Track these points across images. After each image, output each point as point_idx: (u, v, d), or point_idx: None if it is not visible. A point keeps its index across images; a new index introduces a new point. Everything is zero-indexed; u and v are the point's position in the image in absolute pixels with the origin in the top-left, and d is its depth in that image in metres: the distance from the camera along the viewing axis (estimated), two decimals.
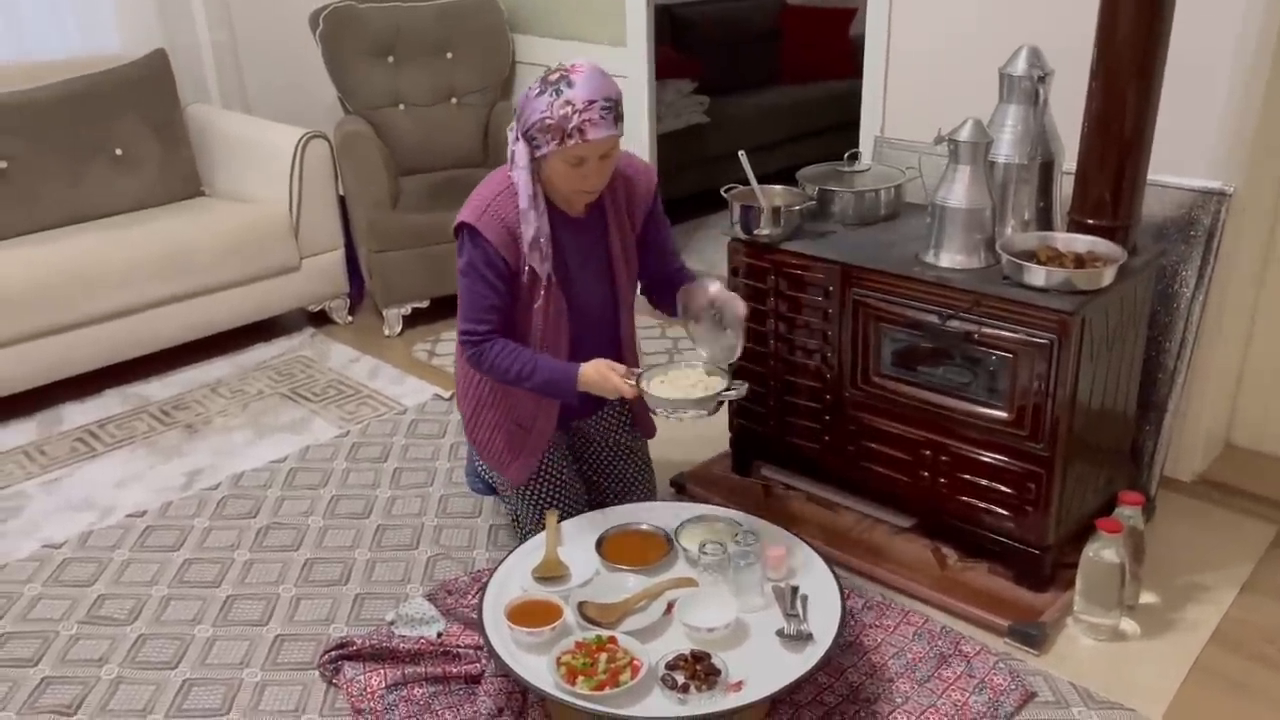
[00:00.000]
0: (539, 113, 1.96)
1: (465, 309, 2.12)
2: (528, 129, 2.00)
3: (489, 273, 2.08)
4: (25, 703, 2.01)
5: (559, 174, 2.04)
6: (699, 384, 2.07)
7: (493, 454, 2.28)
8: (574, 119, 1.94)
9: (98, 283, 3.15)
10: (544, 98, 1.96)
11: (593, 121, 1.94)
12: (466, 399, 2.30)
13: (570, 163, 2.00)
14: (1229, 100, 2.31)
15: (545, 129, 1.96)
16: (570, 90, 1.94)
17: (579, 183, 2.05)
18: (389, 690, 1.97)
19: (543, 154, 2.00)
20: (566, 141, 1.96)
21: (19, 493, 2.77)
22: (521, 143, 2.03)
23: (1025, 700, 1.95)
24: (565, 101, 1.93)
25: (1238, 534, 2.44)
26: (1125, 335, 2.20)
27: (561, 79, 1.95)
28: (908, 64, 2.86)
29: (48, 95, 3.41)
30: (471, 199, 2.11)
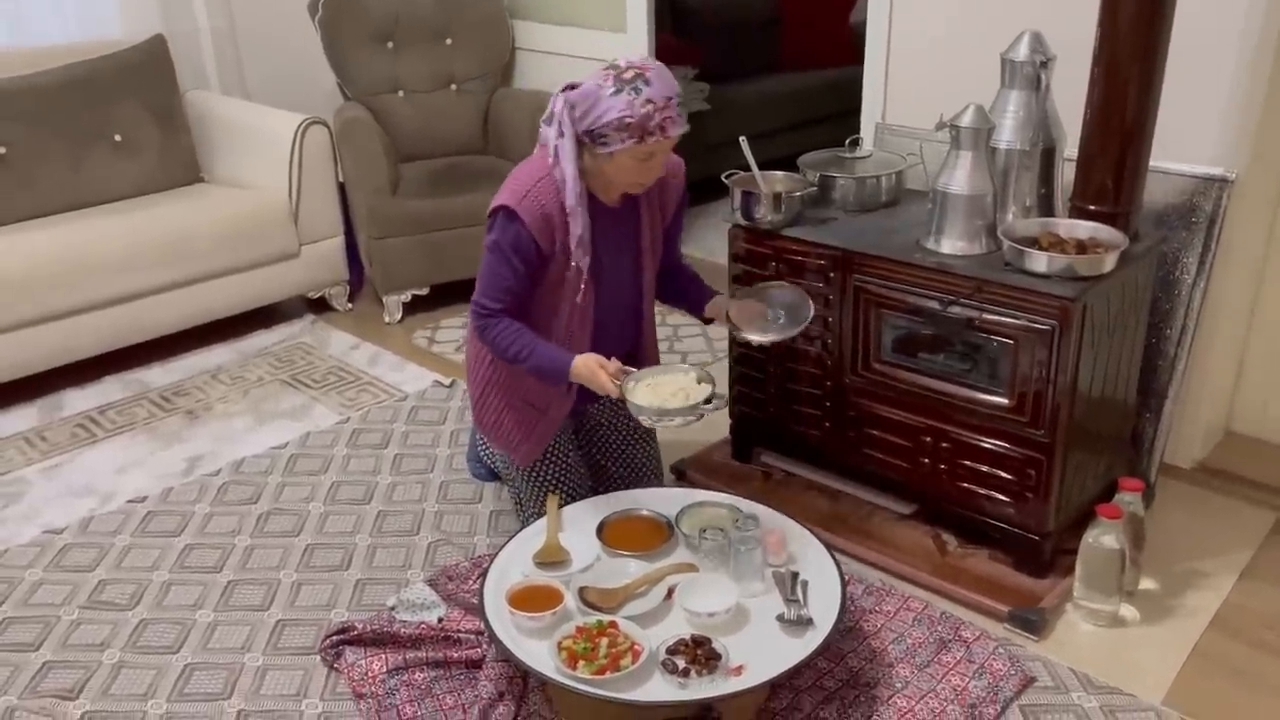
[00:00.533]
0: (617, 111, 1.98)
1: (484, 284, 2.14)
2: (596, 127, 2.01)
3: (515, 257, 2.10)
4: (27, 687, 2.01)
5: (622, 169, 2.07)
6: (681, 392, 2.03)
7: (501, 435, 2.29)
8: (656, 116, 1.98)
9: (98, 269, 3.15)
10: (621, 96, 1.98)
11: (673, 119, 2.01)
12: (476, 380, 2.31)
13: (640, 158, 2.04)
14: (1232, 86, 2.31)
15: (624, 127, 1.99)
16: (649, 89, 1.98)
17: (641, 176, 2.09)
18: (390, 675, 1.97)
19: (610, 151, 2.03)
20: (646, 139, 2.00)
21: (20, 479, 2.77)
22: (568, 139, 2.04)
23: (1024, 685, 1.96)
24: (647, 100, 1.98)
25: (1237, 521, 2.44)
26: (1126, 322, 2.19)
27: (637, 78, 1.98)
28: (909, 50, 2.85)
29: (47, 81, 3.40)
30: (510, 183, 2.13)
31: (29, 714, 1.95)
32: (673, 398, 2.01)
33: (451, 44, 3.99)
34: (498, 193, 2.13)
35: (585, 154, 2.08)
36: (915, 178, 2.59)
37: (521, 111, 3.87)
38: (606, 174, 2.10)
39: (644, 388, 2.04)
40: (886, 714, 1.89)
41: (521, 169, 2.15)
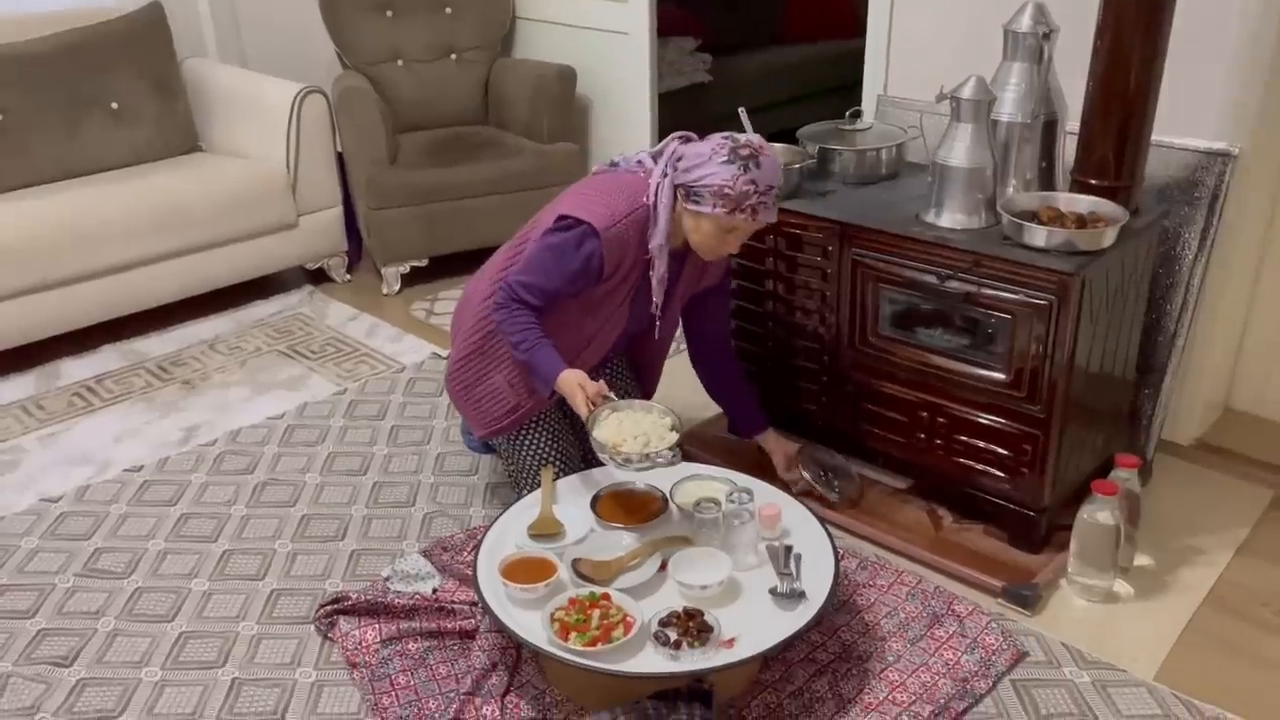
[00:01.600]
0: (720, 179, 2.01)
1: (531, 276, 2.12)
2: (696, 185, 2.04)
3: (577, 273, 2.11)
4: (22, 654, 2.02)
5: (703, 231, 2.10)
6: (644, 436, 1.94)
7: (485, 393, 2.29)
8: (752, 198, 2.02)
9: (95, 237, 3.14)
10: (730, 168, 2.01)
11: (766, 206, 2.04)
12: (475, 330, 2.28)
13: (723, 228, 2.07)
14: (1236, 60, 2.28)
15: (721, 195, 2.02)
16: (757, 171, 2.01)
17: (716, 243, 2.11)
18: (384, 644, 1.98)
19: (699, 210, 2.06)
20: (736, 215, 2.03)
21: (16, 447, 2.77)
22: (669, 183, 2.09)
23: (1017, 660, 1.96)
24: (750, 180, 2.01)
25: (1234, 497, 2.44)
26: (1125, 297, 2.18)
27: (751, 157, 2.01)
28: (911, 21, 2.82)
29: (43, 48, 3.38)
30: (599, 203, 2.12)
31: (24, 680, 1.95)
32: (634, 440, 1.92)
33: (451, 13, 3.96)
34: (578, 200, 2.14)
35: (676, 203, 2.11)
36: (915, 150, 2.57)
37: (522, 82, 3.84)
38: (688, 228, 2.12)
39: (611, 422, 1.96)
40: (878, 687, 1.89)
41: (610, 189, 2.16)
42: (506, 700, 1.86)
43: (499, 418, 2.29)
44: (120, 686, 1.94)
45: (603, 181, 2.22)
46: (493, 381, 2.28)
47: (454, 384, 2.35)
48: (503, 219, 3.65)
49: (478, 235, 3.62)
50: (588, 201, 2.14)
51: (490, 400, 2.29)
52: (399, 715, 1.84)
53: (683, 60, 4.79)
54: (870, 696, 1.87)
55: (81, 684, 1.95)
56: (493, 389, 2.28)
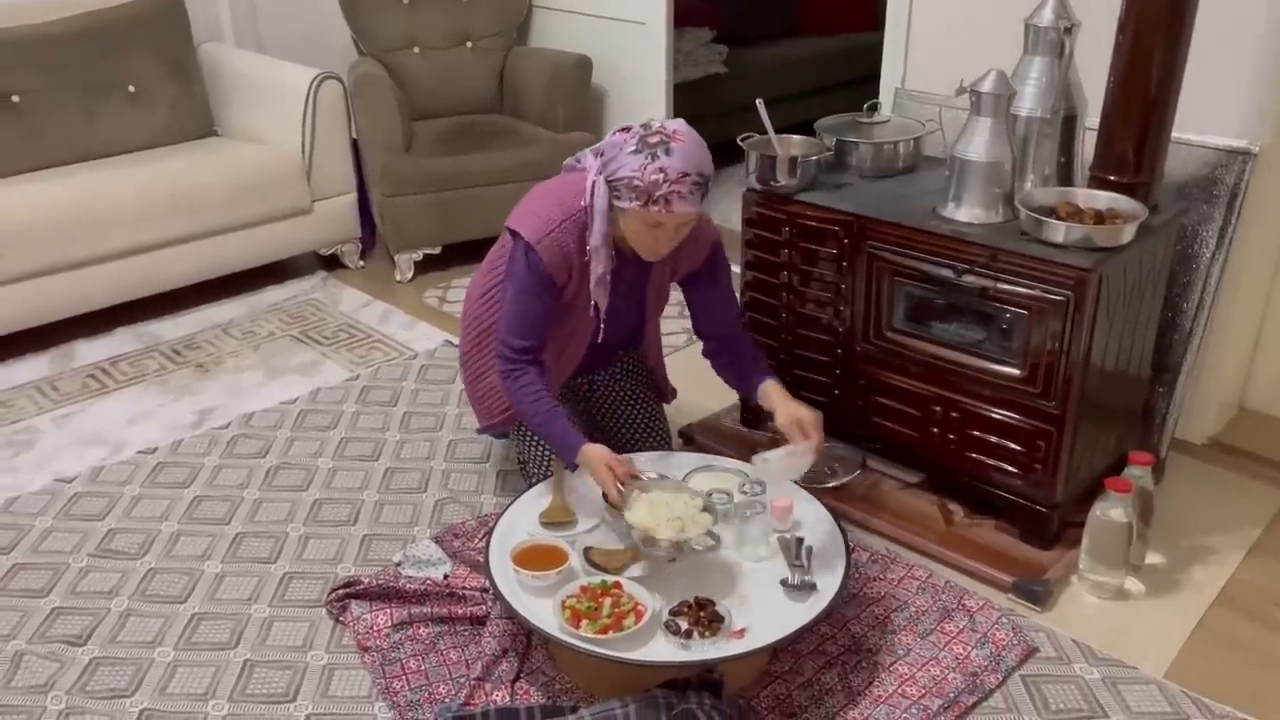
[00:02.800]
0: (629, 170, 1.94)
1: (511, 321, 2.09)
2: (613, 179, 1.98)
3: (542, 293, 2.07)
4: (36, 632, 2.04)
5: (632, 230, 2.04)
6: (678, 520, 1.87)
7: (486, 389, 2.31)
8: (663, 188, 1.92)
9: (110, 220, 3.15)
10: (638, 157, 1.93)
11: (680, 195, 1.94)
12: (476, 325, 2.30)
13: (648, 224, 2.00)
14: (1258, 58, 2.27)
15: (632, 187, 1.95)
16: (667, 159, 1.92)
17: (649, 241, 2.04)
18: (395, 629, 1.99)
19: (622, 206, 1.99)
20: (650, 207, 1.95)
21: (31, 427, 2.79)
22: (602, 182, 2.01)
23: (1027, 655, 1.96)
24: (659, 168, 1.92)
25: (1247, 497, 2.43)
26: (1142, 294, 2.17)
27: (660, 144, 1.93)
28: (931, 14, 2.81)
29: (62, 30, 3.39)
30: (535, 211, 2.08)
31: (37, 658, 1.97)
32: (668, 524, 1.86)
33: (468, 1, 3.95)
34: (521, 210, 2.11)
35: (612, 199, 2.03)
36: (933, 144, 2.56)
37: (538, 70, 3.84)
38: (620, 227, 2.06)
39: (642, 505, 1.90)
40: (888, 680, 1.89)
41: (550, 194, 2.11)
42: (516, 687, 1.87)
43: (497, 413, 2.32)
44: (133, 666, 1.95)
45: (552, 185, 2.15)
46: (490, 380, 2.29)
47: (464, 374, 2.38)
48: None
49: (491, 224, 3.59)
50: (528, 212, 2.10)
51: (491, 397, 2.31)
52: (409, 699, 1.85)
53: (698, 51, 4.77)
54: (880, 689, 1.87)
55: (95, 663, 1.96)
56: (491, 387, 2.30)
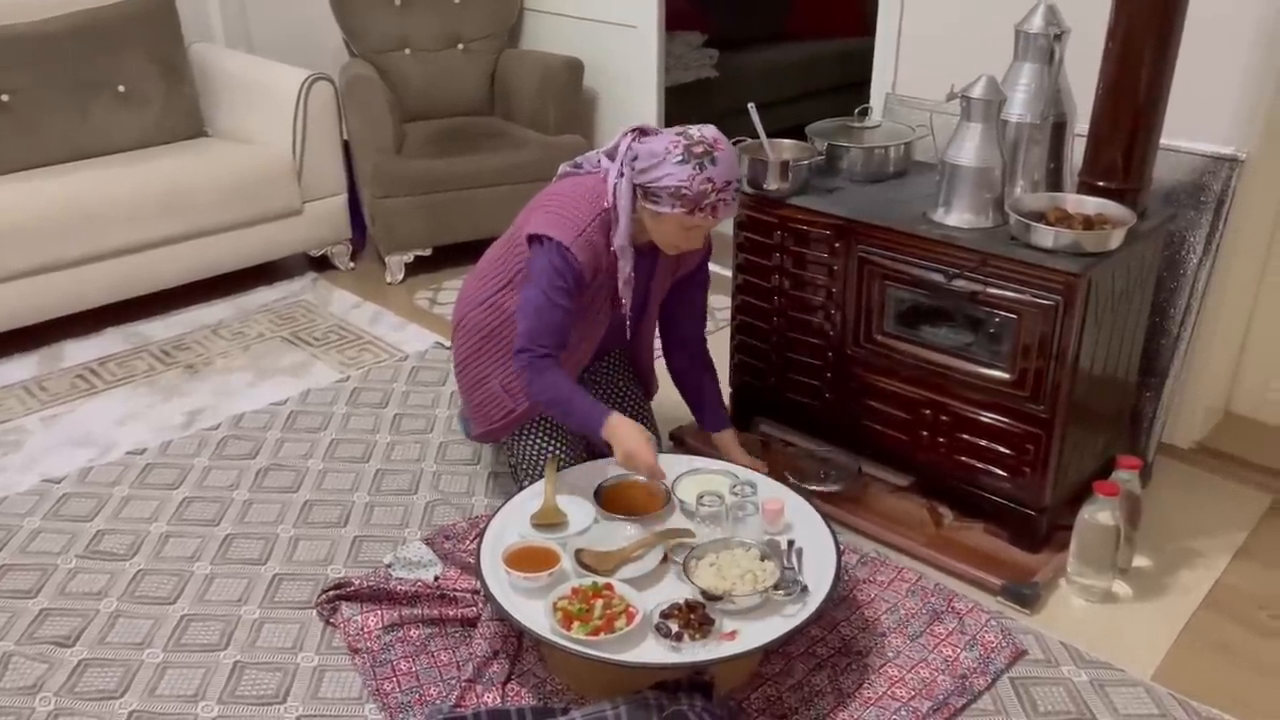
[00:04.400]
0: (677, 180, 2.01)
1: (536, 326, 2.09)
2: (652, 186, 2.03)
3: (566, 297, 2.09)
4: (24, 633, 2.03)
5: (666, 230, 2.10)
6: (749, 574, 1.84)
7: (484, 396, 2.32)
8: (711, 196, 2.01)
9: (100, 220, 3.14)
10: (685, 167, 2.00)
11: (725, 203, 2.04)
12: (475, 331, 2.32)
13: (685, 227, 2.08)
14: (1246, 65, 2.29)
15: (678, 196, 2.02)
16: (713, 169, 2.00)
17: (680, 240, 2.12)
18: (385, 631, 1.99)
19: (659, 210, 2.06)
20: (696, 214, 2.03)
21: (19, 427, 2.77)
22: (627, 181, 2.07)
23: (1016, 657, 1.97)
24: (707, 179, 2.00)
25: (1233, 501, 2.45)
26: (1130, 299, 2.19)
27: (706, 154, 2.00)
28: (921, 19, 2.82)
29: (53, 29, 3.38)
30: (561, 214, 2.11)
31: (26, 660, 1.96)
32: (742, 581, 1.83)
33: (460, 3, 3.95)
34: (542, 217, 2.12)
35: (636, 202, 2.09)
36: (924, 149, 2.57)
37: (529, 73, 3.85)
38: (649, 227, 2.12)
39: (706, 567, 1.88)
40: (878, 682, 1.90)
41: (572, 197, 2.14)
42: (507, 688, 1.87)
43: (496, 419, 2.32)
44: (122, 667, 1.95)
45: (566, 188, 2.18)
46: (490, 387, 2.30)
47: (461, 382, 2.38)
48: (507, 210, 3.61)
49: (482, 225, 3.62)
50: (553, 216, 2.12)
51: (490, 404, 2.31)
52: (400, 701, 1.85)
53: (689, 55, 4.79)
54: (869, 691, 1.88)
55: (83, 664, 1.95)
56: (490, 394, 2.31)
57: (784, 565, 1.89)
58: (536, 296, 2.09)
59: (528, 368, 2.10)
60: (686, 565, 1.88)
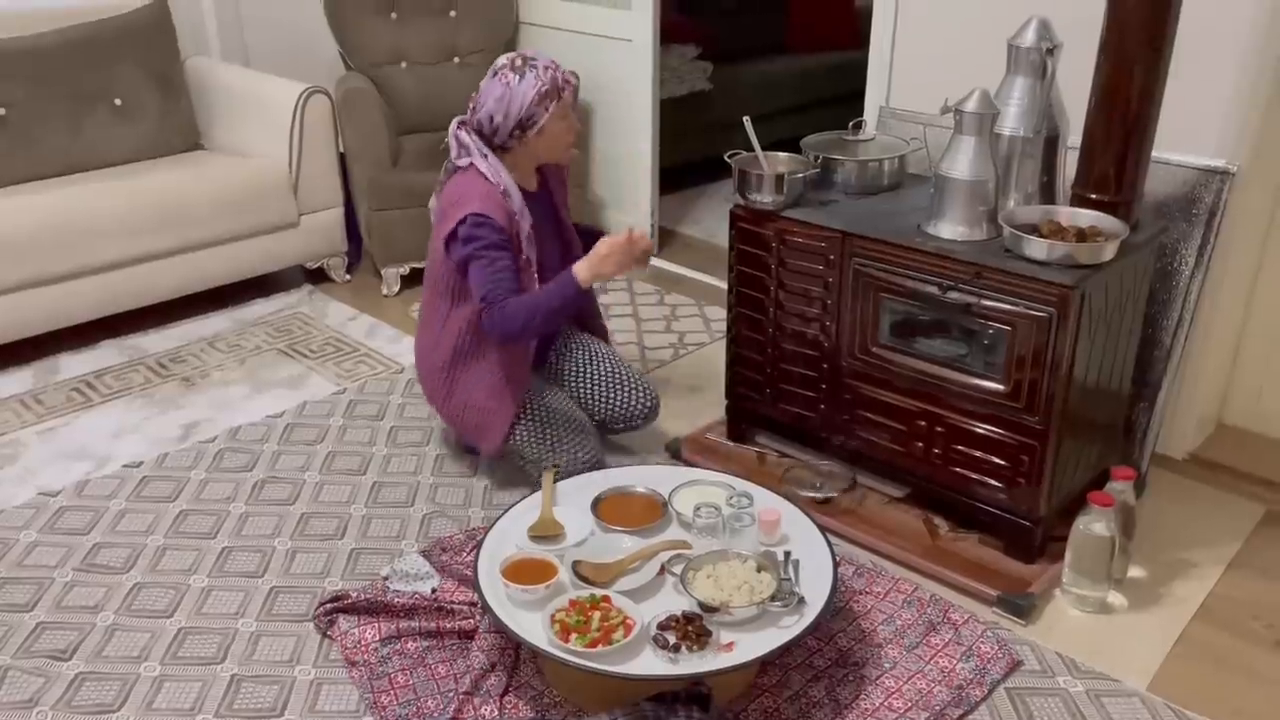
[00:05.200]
0: (533, 88, 2.27)
1: (490, 281, 2.23)
2: (524, 113, 2.27)
3: (501, 245, 2.25)
4: (21, 647, 2.02)
5: (554, 137, 2.33)
6: (745, 585, 1.85)
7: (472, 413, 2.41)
8: (557, 76, 2.29)
9: (96, 233, 3.14)
10: (528, 76, 2.27)
11: (565, 74, 2.32)
12: (438, 368, 2.42)
13: (562, 118, 2.32)
14: (1237, 78, 2.31)
15: (544, 95, 2.27)
16: (537, 61, 2.29)
17: (568, 135, 2.37)
18: (383, 643, 1.99)
19: (539, 125, 2.29)
20: (562, 95, 2.30)
21: (15, 441, 2.77)
22: (491, 156, 2.30)
23: (1011, 668, 1.98)
24: (544, 67, 2.28)
25: (1227, 512, 2.46)
26: (1123, 311, 2.20)
27: (524, 62, 2.28)
28: (915, 34, 2.85)
29: (48, 43, 3.38)
30: (461, 199, 2.26)
31: (22, 674, 1.96)
32: (739, 593, 1.84)
33: (456, 16, 3.97)
34: (447, 210, 2.28)
35: (509, 156, 2.33)
36: (918, 162, 2.59)
37: None
38: (539, 153, 2.36)
39: (703, 578, 1.89)
40: (874, 693, 1.90)
41: (463, 185, 2.29)
42: (505, 700, 1.87)
43: (497, 428, 2.39)
44: (119, 681, 1.94)
45: (444, 199, 2.33)
46: (475, 403, 2.40)
47: (449, 414, 2.47)
48: None
49: None
50: (448, 212, 2.28)
51: (485, 420, 2.40)
52: (397, 714, 1.85)
53: (684, 67, 4.80)
54: (866, 702, 1.88)
55: (80, 678, 1.95)
56: (481, 410, 2.39)
57: (781, 577, 1.89)
58: (477, 265, 2.23)
59: (493, 314, 2.22)
60: (684, 577, 1.89)
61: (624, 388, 2.57)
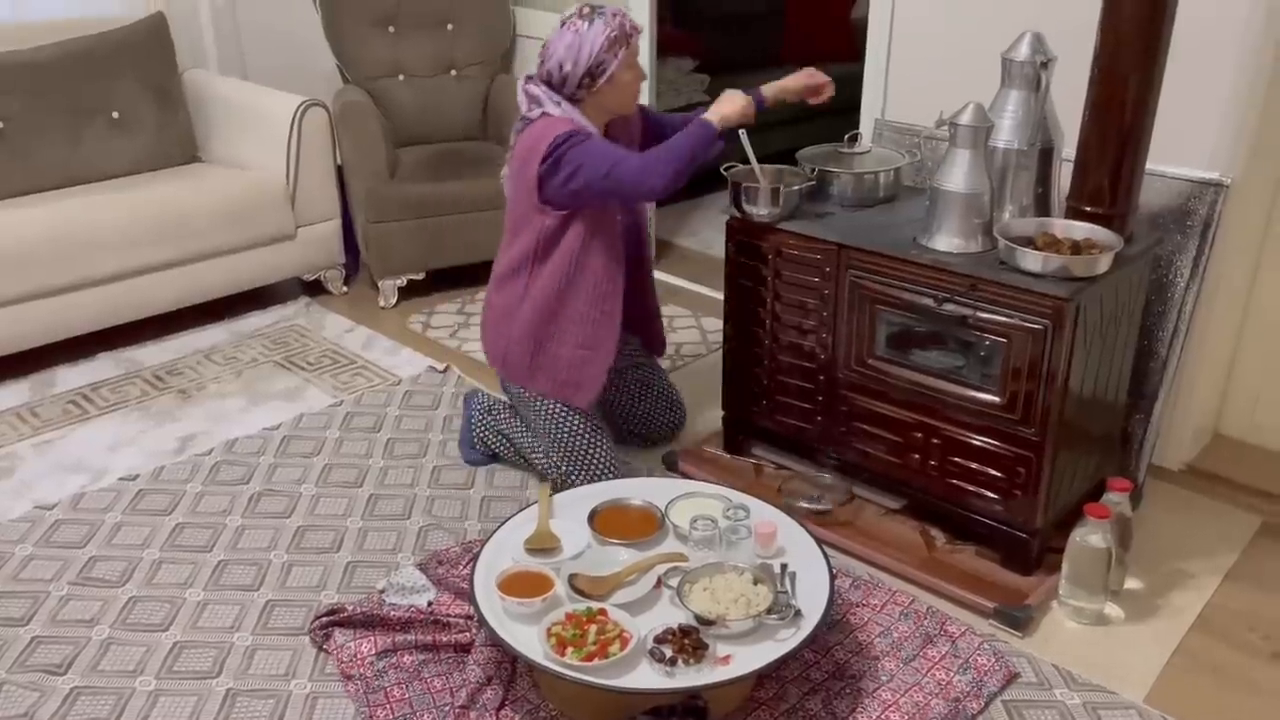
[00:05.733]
0: (602, 34, 2.28)
1: (610, 153, 2.25)
2: (592, 60, 2.28)
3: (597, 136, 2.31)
4: (16, 661, 2.02)
5: (621, 85, 2.34)
6: (742, 598, 1.84)
7: (557, 381, 2.44)
8: (625, 21, 2.32)
9: (93, 246, 3.14)
10: (597, 23, 2.29)
11: (631, 18, 2.34)
12: (522, 335, 2.42)
13: (630, 65, 2.34)
14: (1230, 91, 2.32)
15: (614, 41, 2.29)
16: (604, 9, 2.31)
17: (636, 83, 2.38)
18: (379, 657, 1.98)
19: (609, 73, 2.30)
20: (629, 42, 2.31)
21: (11, 454, 2.77)
22: (565, 104, 2.31)
23: (1008, 681, 1.97)
24: (613, 15, 2.31)
25: (1223, 523, 2.46)
26: (1119, 323, 2.21)
27: (592, 10, 2.31)
28: (910, 47, 2.86)
29: (46, 56, 3.39)
30: (544, 132, 2.27)
31: (17, 688, 1.95)
32: (735, 605, 1.83)
33: (453, 29, 3.98)
34: (531, 150, 2.28)
35: (579, 110, 2.34)
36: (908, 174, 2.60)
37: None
38: (608, 104, 2.36)
39: (699, 591, 1.88)
40: (871, 706, 1.90)
41: (541, 128, 2.30)
42: (501, 714, 1.87)
43: (588, 376, 2.44)
44: (114, 695, 1.94)
45: (525, 144, 2.33)
46: (563, 356, 2.42)
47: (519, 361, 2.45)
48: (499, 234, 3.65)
49: (475, 249, 3.64)
50: (535, 156, 2.27)
51: (576, 369, 2.43)
52: None
53: (680, 80, 4.82)
54: (863, 715, 1.88)
55: (75, 692, 1.95)
56: (571, 361, 2.42)
57: (777, 589, 1.89)
58: (588, 154, 2.24)
59: (629, 167, 2.23)
60: (680, 590, 1.88)
61: (672, 409, 2.75)
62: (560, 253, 2.35)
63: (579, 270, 2.36)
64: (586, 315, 2.40)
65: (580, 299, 2.39)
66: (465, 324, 3.54)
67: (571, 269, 2.35)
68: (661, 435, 2.76)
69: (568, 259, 2.34)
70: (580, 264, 2.35)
